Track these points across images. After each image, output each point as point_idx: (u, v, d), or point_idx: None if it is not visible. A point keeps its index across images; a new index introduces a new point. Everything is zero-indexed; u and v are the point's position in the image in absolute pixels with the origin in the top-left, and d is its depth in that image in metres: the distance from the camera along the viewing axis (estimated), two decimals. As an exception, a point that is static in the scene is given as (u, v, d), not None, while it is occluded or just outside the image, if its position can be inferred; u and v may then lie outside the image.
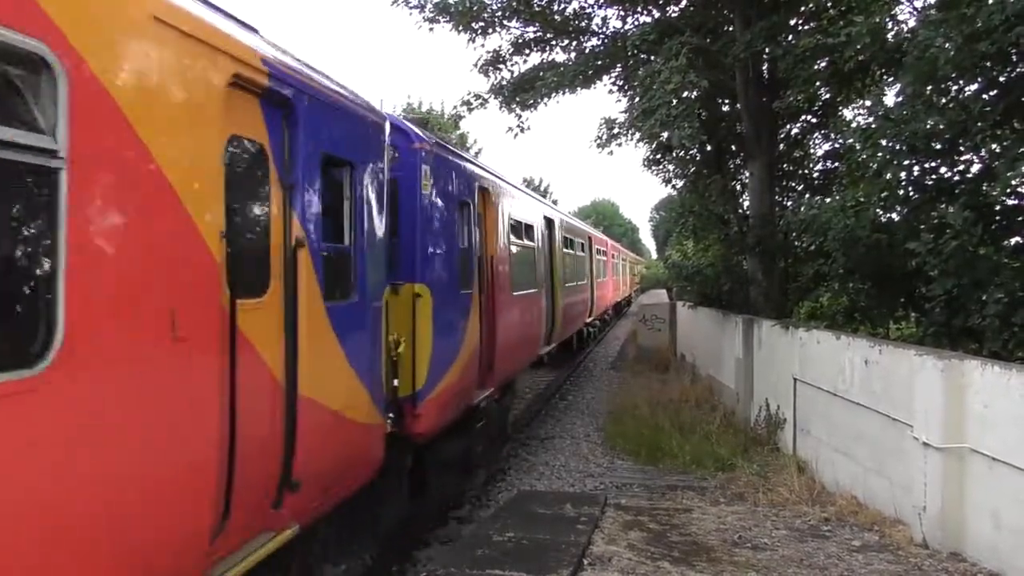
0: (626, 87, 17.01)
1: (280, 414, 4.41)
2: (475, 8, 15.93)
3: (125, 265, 3.11)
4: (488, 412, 9.85)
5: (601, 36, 16.60)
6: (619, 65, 16.47)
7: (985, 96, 8.81)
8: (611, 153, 17.64)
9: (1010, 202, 9.04)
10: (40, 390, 2.59)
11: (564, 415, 15.85)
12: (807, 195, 16.30)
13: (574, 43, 16.83)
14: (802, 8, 14.60)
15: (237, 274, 3.90)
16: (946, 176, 9.61)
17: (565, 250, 17.34)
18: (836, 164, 15.01)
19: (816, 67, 12.87)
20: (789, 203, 16.49)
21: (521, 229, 12.08)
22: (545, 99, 16.36)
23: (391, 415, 6.40)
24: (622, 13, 16.42)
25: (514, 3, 15.94)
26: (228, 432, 3.77)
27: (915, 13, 11.22)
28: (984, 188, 9.01)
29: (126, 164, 3.15)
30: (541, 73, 16.43)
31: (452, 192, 8.35)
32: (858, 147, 10.53)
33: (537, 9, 16.23)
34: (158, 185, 3.34)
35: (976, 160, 9.38)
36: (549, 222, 14.95)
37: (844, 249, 10.48)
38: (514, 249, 11.32)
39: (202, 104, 3.72)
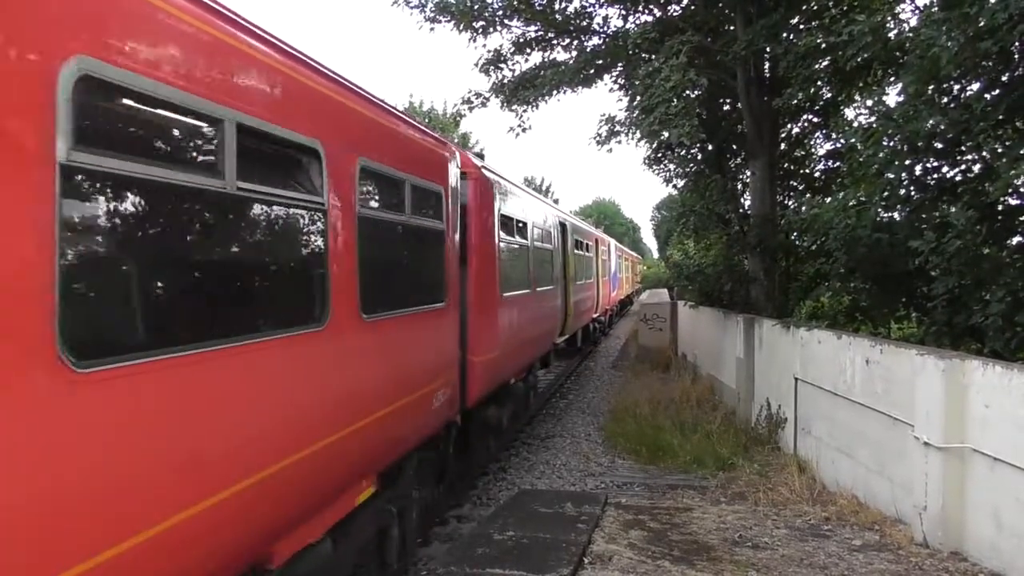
0: (627, 86, 16.98)
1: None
2: (476, 7, 15.92)
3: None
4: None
5: (602, 35, 16.59)
6: (620, 64, 16.47)
7: (987, 95, 8.77)
8: (610, 150, 17.67)
9: (1012, 201, 9.02)
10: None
11: (565, 414, 15.84)
12: (808, 194, 16.31)
13: (575, 42, 16.82)
14: (803, 7, 14.57)
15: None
16: (948, 176, 9.60)
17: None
18: (837, 163, 14.98)
19: (817, 66, 12.85)
20: (790, 202, 16.49)
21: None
22: (546, 97, 16.39)
23: None
24: (623, 12, 16.40)
25: (515, 2, 15.91)
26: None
27: (917, 12, 11.20)
28: (986, 188, 8.99)
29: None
30: (542, 72, 16.43)
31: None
32: (859, 146, 10.51)
33: (538, 8, 16.20)
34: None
35: (977, 160, 9.36)
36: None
37: (845, 248, 10.46)
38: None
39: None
